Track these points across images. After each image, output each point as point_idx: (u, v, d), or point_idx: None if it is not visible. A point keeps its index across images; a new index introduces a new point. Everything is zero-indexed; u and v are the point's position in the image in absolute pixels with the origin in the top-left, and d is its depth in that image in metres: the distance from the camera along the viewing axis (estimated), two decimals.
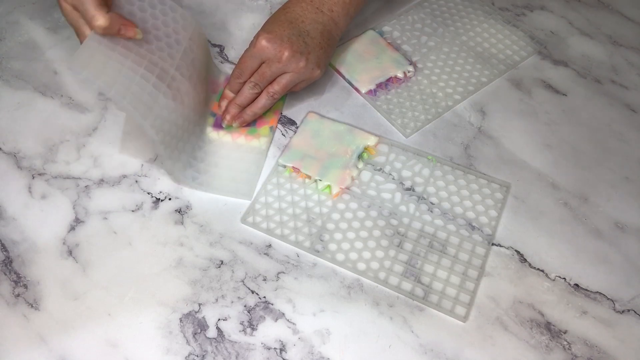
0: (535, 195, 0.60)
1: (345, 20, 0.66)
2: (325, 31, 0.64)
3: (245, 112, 0.63)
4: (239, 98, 0.63)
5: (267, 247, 0.57)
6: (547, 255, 0.56)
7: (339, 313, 0.53)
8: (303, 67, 0.61)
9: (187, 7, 0.76)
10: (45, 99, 0.67)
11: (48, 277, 0.55)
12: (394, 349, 0.51)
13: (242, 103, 0.63)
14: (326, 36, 0.64)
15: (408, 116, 0.66)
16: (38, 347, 0.51)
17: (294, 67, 0.61)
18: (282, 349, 0.51)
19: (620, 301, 0.54)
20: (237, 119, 0.63)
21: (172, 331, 0.52)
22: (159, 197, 0.60)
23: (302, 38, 0.62)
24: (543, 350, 0.51)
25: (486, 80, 0.69)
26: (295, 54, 0.60)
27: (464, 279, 0.55)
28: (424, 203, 0.59)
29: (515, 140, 0.64)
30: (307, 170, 0.61)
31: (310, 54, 0.62)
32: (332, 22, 0.64)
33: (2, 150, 0.63)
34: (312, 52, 0.62)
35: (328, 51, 0.64)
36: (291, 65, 0.61)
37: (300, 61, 0.61)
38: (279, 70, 0.61)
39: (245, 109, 0.63)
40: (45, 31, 0.73)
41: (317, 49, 0.62)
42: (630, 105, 0.67)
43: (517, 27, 0.73)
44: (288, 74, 0.62)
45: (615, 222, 0.59)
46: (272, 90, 0.62)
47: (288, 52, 0.60)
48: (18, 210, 0.59)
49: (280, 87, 0.62)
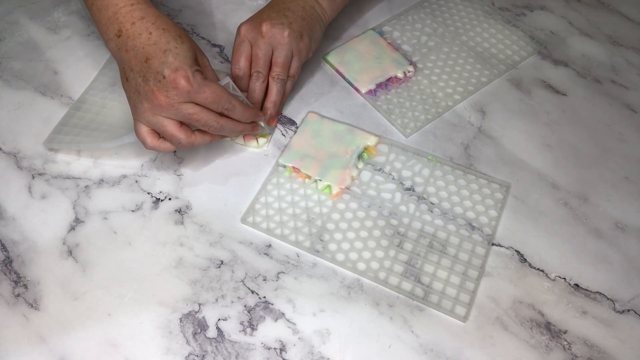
0: (535, 195, 0.60)
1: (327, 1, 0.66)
2: (307, 6, 0.64)
3: (266, 108, 0.63)
4: (252, 96, 0.62)
5: (267, 247, 0.57)
6: (547, 255, 0.56)
7: (339, 313, 0.53)
8: (287, 36, 0.61)
9: (187, 7, 0.76)
10: (45, 99, 0.67)
11: (48, 277, 0.55)
12: (394, 349, 0.51)
13: (258, 99, 0.62)
14: (308, 11, 0.64)
15: (408, 116, 0.66)
16: (38, 347, 0.51)
17: (280, 39, 0.61)
18: (282, 349, 0.51)
19: (620, 301, 0.54)
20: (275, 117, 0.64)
21: (172, 331, 0.52)
22: (159, 197, 0.60)
23: (282, 12, 0.62)
24: (543, 350, 0.51)
25: (486, 80, 0.69)
26: (275, 24, 0.61)
27: (464, 279, 0.55)
28: (424, 203, 0.59)
29: (515, 140, 0.64)
30: (307, 170, 0.61)
31: (293, 24, 0.62)
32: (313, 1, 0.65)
33: (2, 150, 0.63)
34: (295, 22, 0.62)
35: (312, 24, 0.64)
36: (276, 38, 0.61)
37: (283, 31, 0.61)
38: (267, 47, 0.61)
39: (265, 103, 0.63)
40: (45, 31, 0.73)
41: (300, 20, 0.63)
42: (630, 105, 0.67)
43: (517, 27, 0.73)
44: (278, 49, 0.61)
45: (615, 222, 0.59)
46: (275, 73, 0.62)
47: (267, 24, 0.61)
48: (18, 210, 0.59)
49: (279, 66, 0.62)
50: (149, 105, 0.53)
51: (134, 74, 0.53)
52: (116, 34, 0.54)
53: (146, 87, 0.52)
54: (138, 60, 0.53)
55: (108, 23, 0.55)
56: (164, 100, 0.52)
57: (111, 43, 0.55)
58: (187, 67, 0.52)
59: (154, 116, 0.53)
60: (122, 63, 0.54)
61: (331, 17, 0.67)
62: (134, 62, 0.53)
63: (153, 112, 0.53)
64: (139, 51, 0.53)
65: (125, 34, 0.54)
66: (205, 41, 0.72)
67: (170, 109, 0.52)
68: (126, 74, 0.54)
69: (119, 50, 0.54)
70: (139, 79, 0.53)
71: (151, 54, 0.52)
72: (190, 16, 0.75)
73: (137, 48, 0.53)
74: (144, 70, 0.52)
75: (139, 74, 0.53)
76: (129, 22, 0.54)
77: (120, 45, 0.54)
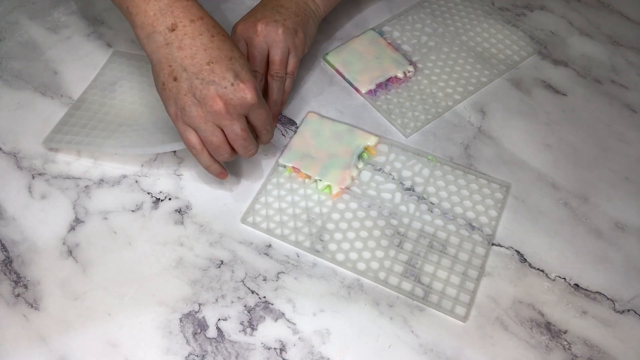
0: (535, 195, 0.60)
1: None
2: (300, 2, 0.64)
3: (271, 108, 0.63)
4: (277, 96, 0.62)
5: (267, 247, 0.57)
6: (547, 255, 0.56)
7: (339, 313, 0.53)
8: (282, 33, 0.61)
9: None
10: (45, 99, 0.67)
11: (48, 277, 0.55)
12: (394, 349, 0.51)
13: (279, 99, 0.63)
14: (302, 7, 0.64)
15: (408, 116, 0.66)
16: (38, 347, 0.51)
17: (275, 36, 0.61)
18: (282, 349, 0.51)
19: (620, 301, 0.54)
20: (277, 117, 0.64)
21: (172, 331, 0.52)
22: (159, 197, 0.60)
23: (276, 10, 0.62)
24: (543, 350, 0.51)
25: (486, 80, 0.69)
26: (270, 22, 0.61)
27: (464, 279, 0.55)
28: (424, 203, 0.59)
29: (515, 140, 0.64)
30: (307, 170, 0.61)
31: (287, 20, 0.61)
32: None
33: (2, 150, 0.63)
34: (288, 18, 0.62)
35: (305, 19, 0.64)
36: (271, 36, 0.61)
37: (278, 28, 0.61)
38: (262, 45, 0.61)
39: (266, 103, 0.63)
40: (45, 31, 0.73)
41: (293, 16, 0.62)
42: (630, 105, 0.67)
43: (517, 27, 0.73)
44: (274, 47, 0.61)
45: (615, 222, 0.59)
46: (273, 71, 0.62)
47: (261, 23, 0.60)
48: (18, 210, 0.59)
49: (276, 64, 0.62)
50: (204, 110, 0.50)
51: (187, 75, 0.50)
52: (169, 27, 0.50)
53: (206, 90, 0.49)
54: (196, 61, 0.50)
55: (159, 14, 0.50)
56: (224, 108, 0.50)
57: (157, 36, 0.50)
58: (255, 79, 0.51)
59: (206, 122, 0.51)
60: (168, 60, 0.50)
61: (325, 12, 0.67)
62: (190, 62, 0.50)
63: (206, 118, 0.50)
64: (199, 51, 0.50)
65: (182, 29, 0.50)
66: None
67: (226, 118, 0.50)
68: (175, 73, 0.50)
69: (168, 45, 0.50)
70: (195, 81, 0.50)
71: (216, 57, 0.50)
72: None
73: (195, 47, 0.50)
74: (204, 73, 0.49)
75: (196, 75, 0.50)
76: (187, 19, 0.50)
77: (172, 41, 0.50)
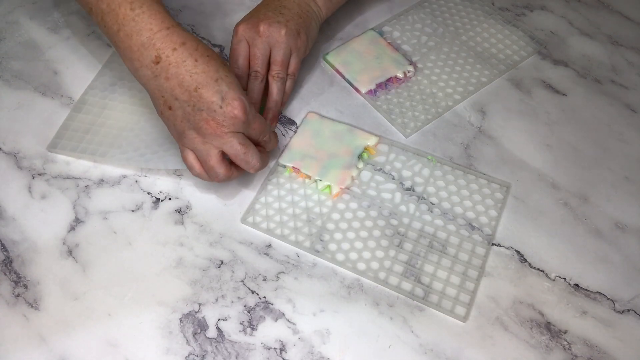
0: (535, 195, 0.60)
1: None
2: (303, 3, 0.64)
3: (269, 108, 0.63)
4: (250, 96, 0.62)
5: (267, 247, 0.57)
6: (547, 255, 0.56)
7: (339, 313, 0.53)
8: (285, 34, 0.61)
9: (187, 7, 0.76)
10: (45, 99, 0.67)
11: (48, 277, 0.55)
12: (394, 349, 0.51)
13: (257, 99, 0.62)
14: (304, 8, 0.64)
15: (408, 116, 0.66)
16: (38, 347, 0.51)
17: (277, 37, 0.61)
18: (282, 349, 0.51)
19: (620, 301, 0.54)
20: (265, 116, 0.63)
21: (172, 331, 0.52)
22: (159, 197, 0.60)
23: (278, 10, 0.62)
24: (543, 350, 0.51)
25: (486, 80, 0.69)
26: (272, 23, 0.61)
27: (464, 279, 0.55)
28: (424, 203, 0.59)
29: (515, 140, 0.64)
30: (307, 170, 0.61)
31: (289, 22, 0.62)
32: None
33: (2, 150, 0.63)
34: (291, 20, 0.62)
35: (308, 21, 0.64)
36: (273, 36, 0.61)
37: (280, 29, 0.61)
38: (265, 46, 0.61)
39: (267, 103, 0.63)
40: (45, 31, 0.73)
41: (296, 17, 0.62)
42: (630, 105, 0.67)
43: (517, 27, 0.73)
44: (276, 48, 0.61)
45: (615, 222, 0.59)
46: (274, 72, 0.62)
47: (264, 24, 0.61)
48: (18, 210, 0.59)
49: (278, 65, 0.62)
50: (199, 133, 0.52)
51: (180, 103, 0.51)
52: (153, 61, 0.51)
53: (198, 116, 0.51)
54: (184, 89, 0.51)
55: (142, 49, 0.51)
56: (219, 130, 0.51)
57: (145, 70, 0.52)
58: (244, 97, 0.51)
59: (204, 144, 0.52)
60: (160, 91, 0.52)
61: (326, 15, 0.67)
62: (179, 91, 0.51)
63: (203, 140, 0.52)
64: (185, 79, 0.51)
65: (165, 60, 0.51)
66: (205, 41, 0.72)
67: (223, 137, 0.51)
68: (168, 102, 0.52)
69: (156, 77, 0.51)
70: (187, 108, 0.51)
71: (201, 82, 0.50)
72: (190, 16, 0.75)
73: (181, 75, 0.51)
74: (194, 100, 0.51)
75: (187, 103, 0.51)
76: (169, 48, 0.51)
77: (159, 73, 0.51)
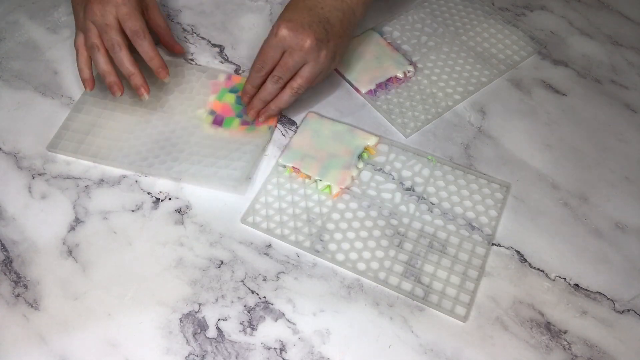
0: (535, 195, 0.60)
1: (362, 9, 0.63)
2: (345, 19, 0.62)
3: (269, 108, 0.63)
4: (263, 93, 0.61)
5: (267, 247, 0.57)
6: (547, 255, 0.56)
7: (339, 313, 0.53)
8: (324, 56, 0.60)
9: (187, 7, 0.76)
10: (45, 99, 0.67)
11: (48, 277, 0.55)
12: (394, 349, 0.51)
13: (266, 98, 0.62)
14: (345, 24, 0.62)
15: (408, 116, 0.66)
16: (38, 347, 0.51)
17: (315, 56, 0.59)
18: (282, 349, 0.51)
19: (620, 301, 0.54)
20: (262, 113, 0.63)
21: (172, 331, 0.52)
22: (159, 197, 0.60)
23: (322, 25, 0.59)
24: (543, 350, 0.51)
25: (486, 80, 0.69)
26: (317, 42, 0.59)
27: (464, 279, 0.55)
28: (424, 203, 0.59)
29: (515, 140, 0.64)
30: (307, 170, 0.61)
31: (330, 42, 0.60)
32: (350, 10, 0.62)
33: (2, 150, 0.63)
34: (332, 40, 0.60)
35: (345, 41, 0.63)
36: (313, 54, 0.59)
37: (322, 50, 0.59)
38: (301, 60, 0.59)
39: (269, 103, 0.62)
40: (45, 31, 0.73)
41: (336, 37, 0.61)
42: (630, 105, 0.67)
43: (517, 27, 0.73)
44: (309, 65, 0.60)
45: (615, 222, 0.59)
46: (297, 85, 0.61)
47: (310, 39, 0.58)
48: (18, 210, 0.59)
49: (303, 80, 0.60)
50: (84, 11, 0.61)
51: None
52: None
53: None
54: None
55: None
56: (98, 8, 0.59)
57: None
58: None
59: (84, 21, 0.60)
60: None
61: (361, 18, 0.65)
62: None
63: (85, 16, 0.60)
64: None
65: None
66: (205, 41, 0.72)
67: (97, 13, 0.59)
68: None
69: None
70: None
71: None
72: (190, 16, 0.75)
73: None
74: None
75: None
76: None
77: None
